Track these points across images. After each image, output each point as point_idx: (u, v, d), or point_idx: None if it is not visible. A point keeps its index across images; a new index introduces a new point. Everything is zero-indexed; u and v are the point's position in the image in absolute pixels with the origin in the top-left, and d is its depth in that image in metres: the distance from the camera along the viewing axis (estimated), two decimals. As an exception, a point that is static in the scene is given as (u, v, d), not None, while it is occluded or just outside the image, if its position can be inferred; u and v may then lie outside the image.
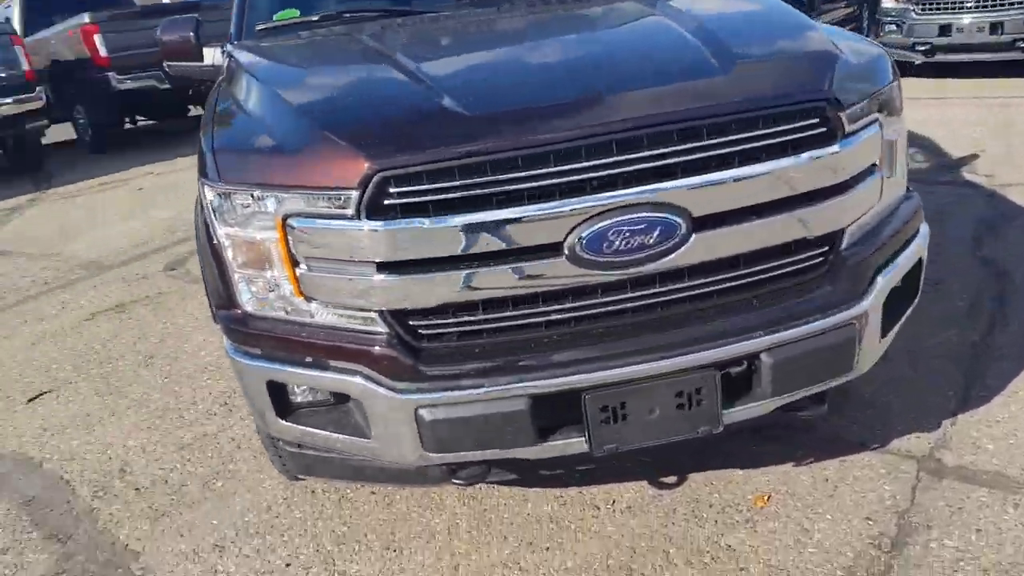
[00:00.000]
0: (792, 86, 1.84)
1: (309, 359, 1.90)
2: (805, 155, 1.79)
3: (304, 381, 1.94)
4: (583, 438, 1.82)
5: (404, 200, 1.70)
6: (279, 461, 2.29)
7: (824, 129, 1.82)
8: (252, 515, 2.42)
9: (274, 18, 3.02)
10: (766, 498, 2.20)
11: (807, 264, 1.91)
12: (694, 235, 1.75)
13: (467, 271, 1.74)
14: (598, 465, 2.28)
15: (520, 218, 1.69)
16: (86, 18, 9.32)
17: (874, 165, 1.97)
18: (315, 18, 2.94)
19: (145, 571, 2.24)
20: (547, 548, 2.12)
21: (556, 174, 1.69)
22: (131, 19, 9.76)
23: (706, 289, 1.85)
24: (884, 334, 2.05)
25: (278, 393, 1.99)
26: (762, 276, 1.88)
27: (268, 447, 2.30)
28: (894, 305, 2.10)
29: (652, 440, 1.86)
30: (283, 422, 2.01)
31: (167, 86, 9.29)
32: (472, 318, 1.81)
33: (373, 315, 1.82)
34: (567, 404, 1.80)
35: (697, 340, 1.81)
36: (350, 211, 1.72)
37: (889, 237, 2.04)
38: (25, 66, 8.76)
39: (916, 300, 2.22)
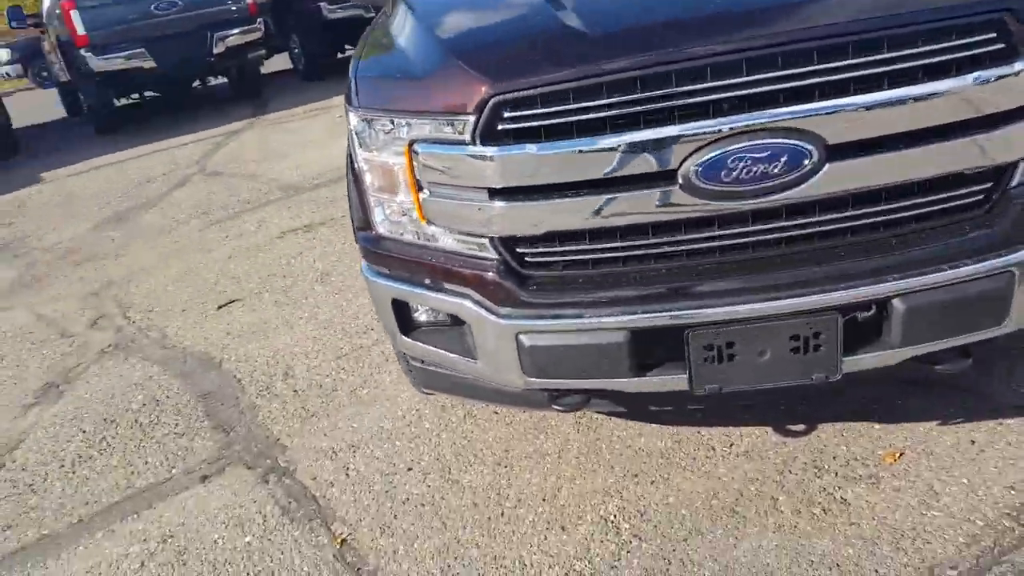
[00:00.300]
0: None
1: (428, 280, 1.98)
2: (971, 76, 1.56)
3: (423, 301, 2.03)
4: (684, 375, 1.77)
5: (517, 125, 1.70)
6: (410, 375, 2.44)
7: (1003, 45, 1.57)
8: (387, 422, 2.60)
9: None
10: (897, 455, 2.03)
11: (964, 202, 1.69)
12: (828, 164, 1.60)
13: (574, 199, 1.72)
14: (707, 406, 2.21)
15: (628, 144, 1.63)
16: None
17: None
18: None
19: (289, 463, 2.50)
20: (652, 482, 2.11)
21: (671, 96, 1.60)
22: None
23: (840, 225, 1.69)
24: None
25: (402, 311, 2.10)
26: (908, 213, 1.69)
27: (400, 361, 2.45)
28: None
29: (760, 383, 1.77)
30: (407, 339, 2.12)
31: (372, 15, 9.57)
32: (579, 247, 1.79)
33: (485, 241, 1.86)
34: (671, 340, 1.76)
35: (819, 280, 1.68)
36: (467, 136, 1.74)
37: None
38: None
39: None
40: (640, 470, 2.16)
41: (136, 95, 11.02)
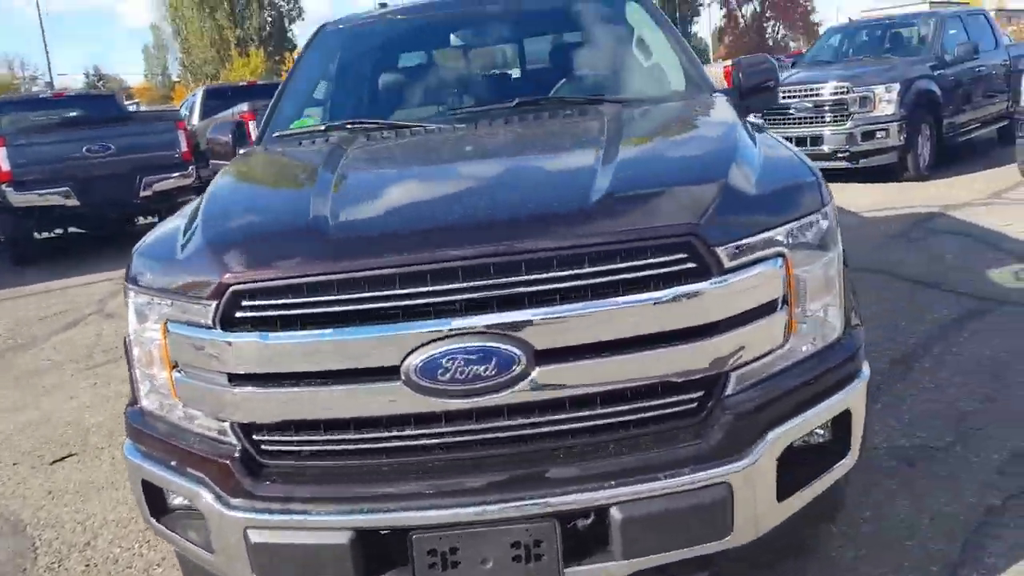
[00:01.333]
0: (658, 220, 1.71)
1: (174, 463, 1.93)
2: (668, 292, 1.65)
3: (166, 484, 1.97)
4: (411, 580, 1.71)
5: (254, 314, 1.74)
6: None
7: (693, 264, 1.67)
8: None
9: (291, 126, 3.20)
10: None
11: (677, 410, 1.73)
12: (537, 369, 1.64)
13: (303, 390, 1.72)
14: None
15: (354, 339, 1.67)
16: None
17: (776, 303, 1.78)
18: (322, 127, 3.07)
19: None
20: None
21: (393, 297, 1.67)
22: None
23: (556, 428, 1.72)
24: (786, 495, 1.80)
25: (152, 493, 2.03)
26: (623, 419, 1.72)
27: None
28: (808, 463, 1.86)
29: (491, 591, 1.72)
30: (155, 522, 2.04)
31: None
32: (312, 439, 1.78)
33: (227, 426, 1.83)
34: (398, 544, 1.71)
35: (537, 484, 1.68)
36: (209, 320, 1.76)
37: (798, 386, 1.81)
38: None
39: (848, 458, 1.93)
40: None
41: (60, 230, 10.95)
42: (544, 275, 1.64)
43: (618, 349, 1.66)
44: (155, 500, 2.03)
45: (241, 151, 3.25)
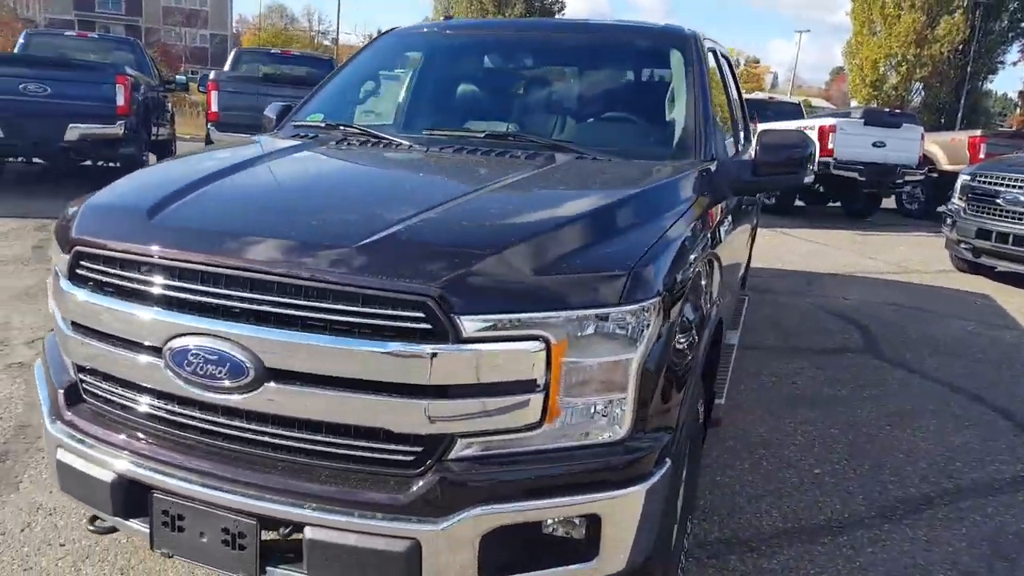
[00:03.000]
0: (407, 275, 1.73)
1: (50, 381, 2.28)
2: (395, 346, 1.70)
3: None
4: (148, 530, 1.93)
5: (84, 273, 2.04)
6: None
7: (428, 326, 1.70)
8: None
9: (306, 119, 3.47)
10: None
11: (393, 458, 1.78)
12: (267, 384, 1.78)
13: (103, 346, 1.99)
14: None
15: (133, 315, 1.91)
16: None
17: (530, 384, 1.75)
18: (322, 125, 3.30)
19: None
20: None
21: (169, 287, 1.88)
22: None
23: (279, 442, 1.84)
24: (496, 573, 1.78)
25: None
26: (339, 451, 1.81)
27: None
28: (543, 552, 1.82)
29: (201, 562, 1.90)
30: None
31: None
32: (109, 388, 2.05)
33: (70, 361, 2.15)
34: (145, 496, 1.93)
35: (249, 485, 1.82)
36: (64, 271, 2.09)
37: (534, 473, 1.78)
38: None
39: (595, 563, 1.84)
40: None
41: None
42: (288, 300, 1.75)
43: (343, 387, 1.74)
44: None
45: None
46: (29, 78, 9.27)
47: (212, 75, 11.31)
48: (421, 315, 1.70)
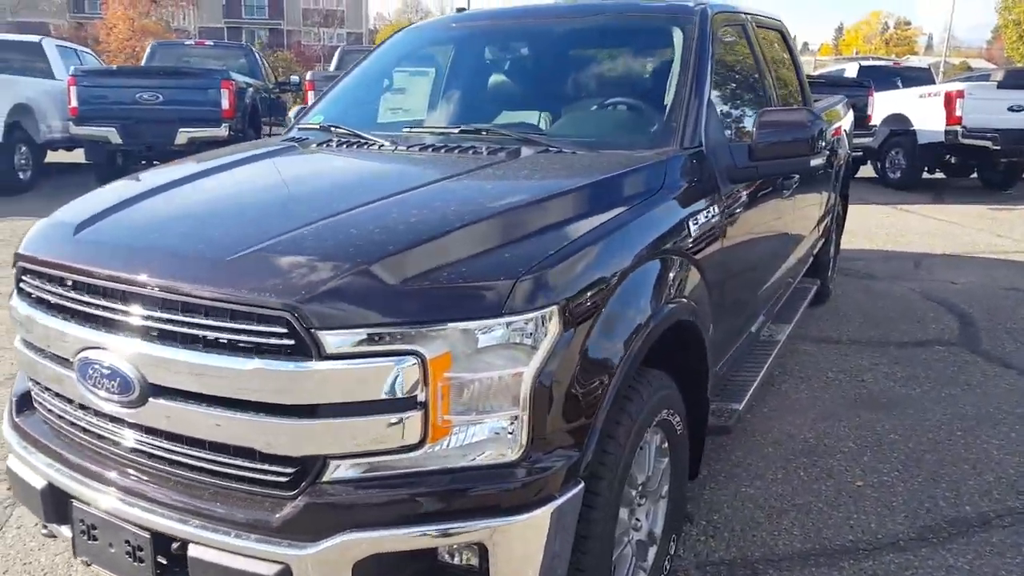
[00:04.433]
0: (272, 289, 1.66)
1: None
2: (257, 362, 1.65)
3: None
4: (71, 538, 1.99)
5: (23, 286, 2.12)
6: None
7: (291, 342, 1.63)
8: None
9: (311, 120, 3.47)
10: None
11: (270, 478, 1.73)
12: (151, 399, 1.78)
13: (33, 356, 2.07)
14: None
15: (49, 328, 1.97)
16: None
17: (404, 402, 1.64)
18: (316, 127, 3.29)
19: None
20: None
21: (77, 301, 1.92)
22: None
23: (170, 457, 1.83)
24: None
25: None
26: (220, 469, 1.78)
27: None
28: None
29: (114, 572, 1.93)
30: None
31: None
32: (44, 397, 2.12)
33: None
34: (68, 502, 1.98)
35: (142, 499, 1.83)
36: (14, 283, 2.19)
37: (411, 496, 1.68)
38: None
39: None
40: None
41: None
42: (167, 315, 1.74)
43: (218, 404, 1.71)
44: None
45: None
46: (143, 88, 10.14)
47: (308, 75, 11.75)
48: (284, 331, 1.63)
